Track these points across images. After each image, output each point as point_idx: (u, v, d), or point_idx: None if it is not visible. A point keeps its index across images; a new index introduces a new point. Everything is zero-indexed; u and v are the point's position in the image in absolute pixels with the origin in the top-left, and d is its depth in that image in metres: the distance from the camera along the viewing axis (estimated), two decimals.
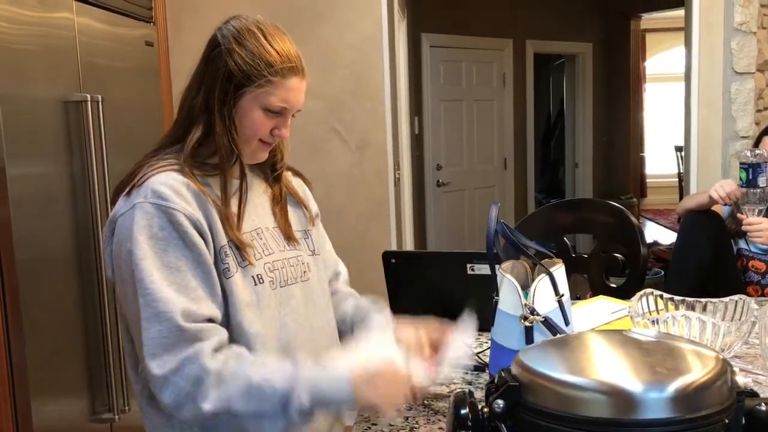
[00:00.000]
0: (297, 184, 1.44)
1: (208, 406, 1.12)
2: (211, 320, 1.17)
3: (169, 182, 1.18)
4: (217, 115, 1.21)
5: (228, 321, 1.20)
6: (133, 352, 1.25)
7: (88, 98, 2.29)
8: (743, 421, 0.71)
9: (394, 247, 3.44)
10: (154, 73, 2.90)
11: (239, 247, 1.22)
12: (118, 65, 2.58)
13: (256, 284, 1.23)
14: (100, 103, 2.33)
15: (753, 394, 0.73)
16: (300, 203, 1.41)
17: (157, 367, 1.12)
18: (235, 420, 1.14)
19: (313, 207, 1.46)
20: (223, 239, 1.21)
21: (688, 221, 2.64)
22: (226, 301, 1.20)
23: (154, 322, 1.12)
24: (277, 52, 1.22)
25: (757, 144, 2.65)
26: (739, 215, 2.39)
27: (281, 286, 1.28)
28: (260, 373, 1.14)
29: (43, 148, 2.14)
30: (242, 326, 1.20)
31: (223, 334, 1.18)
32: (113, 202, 1.25)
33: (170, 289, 1.13)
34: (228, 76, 1.20)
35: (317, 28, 3.26)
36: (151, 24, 2.87)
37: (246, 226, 1.26)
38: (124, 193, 1.21)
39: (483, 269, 1.64)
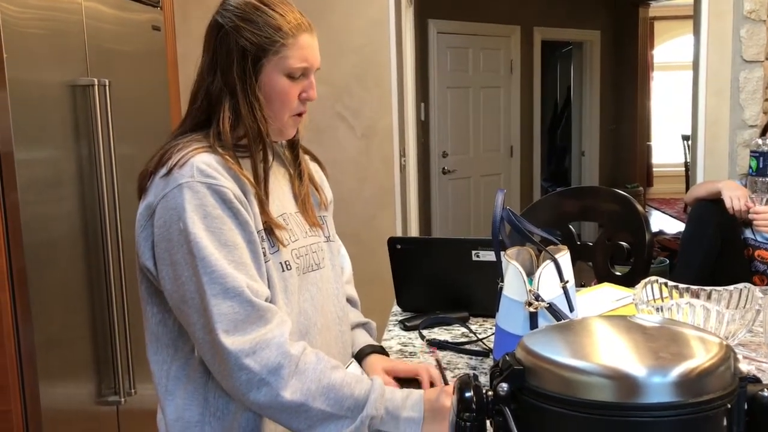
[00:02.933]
0: (314, 168, 1.44)
1: (287, 394, 1.12)
2: (267, 299, 1.17)
3: (212, 162, 1.17)
4: (240, 96, 1.20)
5: None
6: (159, 333, 1.25)
7: (95, 82, 2.30)
8: (745, 407, 0.72)
9: (399, 234, 3.45)
10: (160, 58, 2.90)
11: (271, 232, 1.23)
12: (125, 49, 2.59)
13: (283, 270, 1.24)
14: (107, 87, 2.34)
15: (756, 380, 0.73)
16: (316, 188, 1.41)
17: (231, 343, 1.11)
18: (295, 416, 1.14)
19: (328, 193, 1.46)
20: (260, 223, 1.21)
21: (698, 209, 2.63)
22: None
23: (224, 298, 1.11)
24: (281, 15, 1.21)
25: (764, 133, 2.64)
26: (746, 203, 2.39)
27: (303, 273, 1.29)
28: (340, 376, 1.16)
29: (50, 132, 2.15)
30: None
31: (288, 319, 1.19)
32: (141, 188, 1.22)
33: (231, 266, 1.13)
34: (242, 53, 1.19)
35: (324, 14, 3.25)
36: (157, 8, 2.86)
37: (273, 212, 1.26)
38: (161, 175, 1.17)
39: (488, 256, 1.64)
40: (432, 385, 1.35)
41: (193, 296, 1.14)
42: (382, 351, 1.45)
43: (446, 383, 1.32)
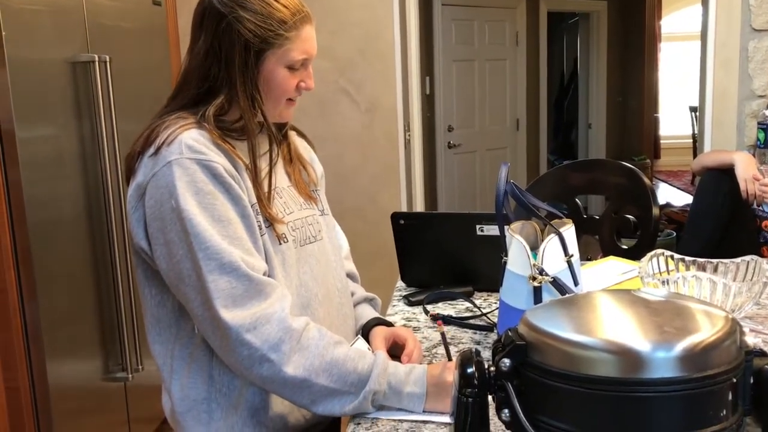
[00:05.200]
0: (302, 146, 1.43)
1: (290, 370, 1.12)
2: (265, 273, 1.17)
3: (200, 138, 1.17)
4: (240, 89, 1.20)
5: None
6: (160, 315, 1.24)
7: (96, 59, 2.28)
8: (751, 381, 0.71)
9: (404, 209, 3.44)
10: (161, 33, 2.87)
11: (266, 206, 1.22)
12: (125, 25, 2.56)
13: (281, 243, 1.24)
14: (107, 64, 2.32)
15: (761, 354, 0.72)
16: (304, 165, 1.40)
17: (231, 318, 1.11)
18: (299, 391, 1.14)
19: (318, 168, 1.46)
20: (252, 197, 1.21)
21: (707, 179, 2.61)
22: None
23: (221, 273, 1.11)
24: (285, 6, 1.20)
25: None
26: (754, 175, 2.37)
27: (301, 245, 1.29)
28: (343, 351, 1.16)
29: (52, 109, 2.14)
30: None
31: (288, 293, 1.19)
32: (129, 169, 1.22)
33: (225, 241, 1.13)
34: (245, 45, 1.18)
35: None
36: None
37: (265, 187, 1.25)
38: (149, 154, 1.17)
39: (492, 230, 1.63)
40: (399, 348, 1.34)
41: (189, 274, 1.13)
42: (387, 324, 1.45)
43: (450, 358, 1.32)
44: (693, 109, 8.23)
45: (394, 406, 1.16)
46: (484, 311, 1.58)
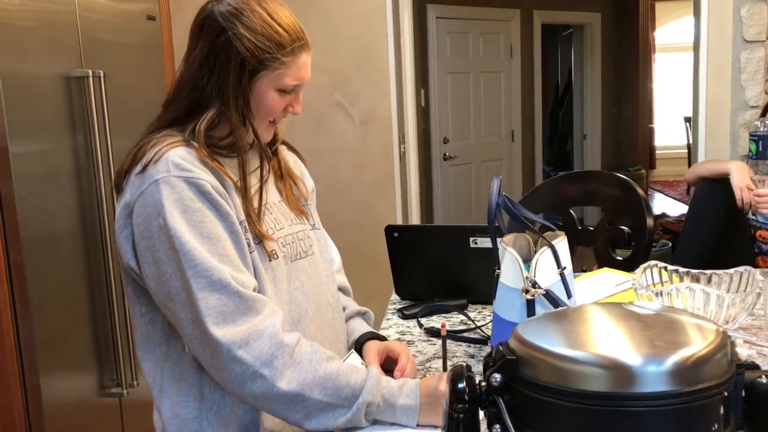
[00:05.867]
0: (292, 160, 1.43)
1: (283, 385, 1.11)
2: (255, 290, 1.16)
3: (187, 156, 1.17)
4: (232, 104, 1.19)
5: None
6: (150, 333, 1.24)
7: (90, 74, 2.28)
8: (743, 394, 0.70)
9: (400, 221, 3.44)
10: (156, 48, 2.88)
11: (256, 223, 1.22)
12: (119, 40, 2.57)
13: (270, 260, 1.23)
14: (102, 79, 2.32)
15: (753, 367, 0.72)
16: (294, 180, 1.40)
17: (222, 335, 1.10)
18: (292, 406, 1.13)
19: (309, 183, 1.46)
20: (241, 214, 1.21)
21: (703, 188, 2.61)
22: None
23: (211, 291, 1.10)
24: (286, 31, 1.20)
25: (764, 113, 2.62)
26: (748, 184, 2.38)
27: (292, 261, 1.29)
28: (335, 366, 1.16)
29: (45, 125, 2.14)
30: None
31: (279, 309, 1.18)
32: (118, 187, 1.22)
33: (215, 259, 1.12)
34: (241, 63, 1.18)
35: (322, 1, 3.22)
36: None
37: (256, 203, 1.25)
38: (136, 173, 1.17)
39: (485, 242, 1.63)
40: (392, 363, 1.34)
41: (179, 292, 1.13)
42: (380, 338, 1.44)
43: (445, 368, 1.32)
44: (687, 120, 8.26)
45: (387, 420, 1.15)
46: (479, 324, 1.58)
